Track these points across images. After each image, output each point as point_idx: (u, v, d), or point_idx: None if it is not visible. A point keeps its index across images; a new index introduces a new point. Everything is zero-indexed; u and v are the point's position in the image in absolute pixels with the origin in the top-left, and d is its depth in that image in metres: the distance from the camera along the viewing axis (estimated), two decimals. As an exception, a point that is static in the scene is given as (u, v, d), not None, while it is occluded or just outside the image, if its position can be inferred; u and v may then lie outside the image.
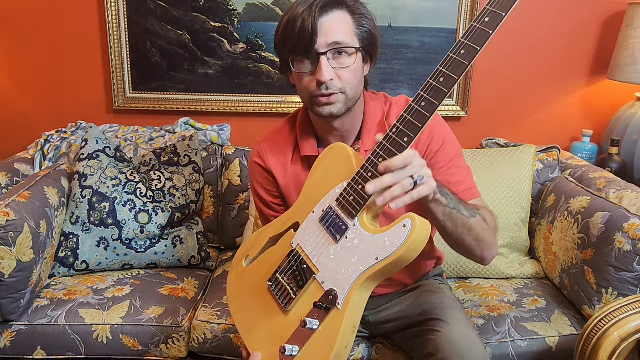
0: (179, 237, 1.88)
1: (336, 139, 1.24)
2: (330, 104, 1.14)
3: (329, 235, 1.07)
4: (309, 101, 1.17)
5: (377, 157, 1.00)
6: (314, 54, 1.10)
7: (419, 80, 2.18)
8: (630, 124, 2.02)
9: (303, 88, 1.16)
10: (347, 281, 1.01)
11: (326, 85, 1.11)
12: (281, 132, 1.33)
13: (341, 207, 1.05)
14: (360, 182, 1.02)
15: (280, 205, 1.33)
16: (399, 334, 1.36)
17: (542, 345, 1.47)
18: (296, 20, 1.09)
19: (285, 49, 1.14)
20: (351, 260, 1.01)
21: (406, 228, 0.95)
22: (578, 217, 1.60)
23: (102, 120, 2.22)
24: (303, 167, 1.28)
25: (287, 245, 1.14)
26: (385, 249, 0.97)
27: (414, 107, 0.97)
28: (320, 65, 1.10)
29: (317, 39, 1.09)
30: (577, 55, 2.19)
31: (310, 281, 1.06)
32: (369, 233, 1.01)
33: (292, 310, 1.08)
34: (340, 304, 1.00)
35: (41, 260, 1.62)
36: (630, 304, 1.27)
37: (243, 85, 2.20)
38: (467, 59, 0.96)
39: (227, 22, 2.13)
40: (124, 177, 1.86)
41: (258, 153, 1.33)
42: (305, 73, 1.14)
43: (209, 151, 2.09)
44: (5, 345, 1.55)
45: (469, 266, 1.79)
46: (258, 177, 1.34)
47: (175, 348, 1.58)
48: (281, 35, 1.14)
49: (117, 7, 2.09)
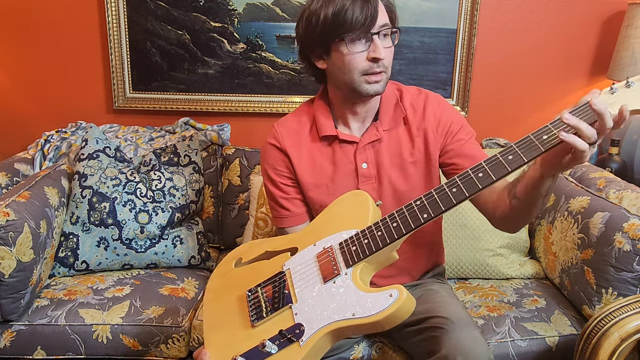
0: (179, 237, 1.88)
1: (357, 121, 1.32)
2: (378, 82, 1.22)
3: (319, 273, 1.08)
4: (357, 80, 1.22)
5: (392, 220, 1.05)
6: (370, 34, 1.18)
7: (418, 80, 2.18)
8: (630, 124, 2.02)
9: (352, 67, 1.21)
10: (318, 323, 1.02)
11: (380, 63, 1.20)
12: (297, 113, 1.39)
13: (341, 252, 1.08)
14: (368, 237, 1.06)
15: (289, 186, 1.35)
16: (399, 332, 1.36)
17: (542, 345, 1.47)
18: (354, 1, 1.16)
19: (336, 30, 1.18)
20: (329, 305, 1.03)
21: (392, 298, 0.97)
22: (578, 217, 1.60)
23: (102, 120, 2.22)
24: (320, 146, 1.33)
25: (279, 265, 1.16)
26: (364, 309, 0.98)
27: (445, 190, 1.01)
28: (376, 44, 1.18)
29: (378, 19, 1.17)
30: (577, 55, 2.19)
31: (286, 308, 1.08)
32: (357, 288, 1.02)
33: (258, 328, 1.09)
34: (304, 341, 1.01)
35: (41, 260, 1.62)
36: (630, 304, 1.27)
37: (243, 85, 2.20)
38: (512, 165, 0.98)
39: (227, 22, 2.13)
40: (124, 177, 1.86)
41: (274, 135, 1.36)
42: (358, 52, 1.19)
43: (209, 151, 2.09)
44: (5, 345, 1.55)
45: (469, 266, 1.79)
46: (270, 157, 1.35)
47: (175, 348, 1.58)
48: (333, 16, 1.18)
49: (117, 7, 2.09)
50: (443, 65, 2.18)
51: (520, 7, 2.13)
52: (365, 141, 1.30)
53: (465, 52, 2.14)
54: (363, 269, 1.06)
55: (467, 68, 2.16)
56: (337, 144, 1.32)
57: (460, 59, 2.16)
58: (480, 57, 2.16)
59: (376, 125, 1.31)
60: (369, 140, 1.30)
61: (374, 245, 1.05)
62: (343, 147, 1.31)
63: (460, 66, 2.17)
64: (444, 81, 2.19)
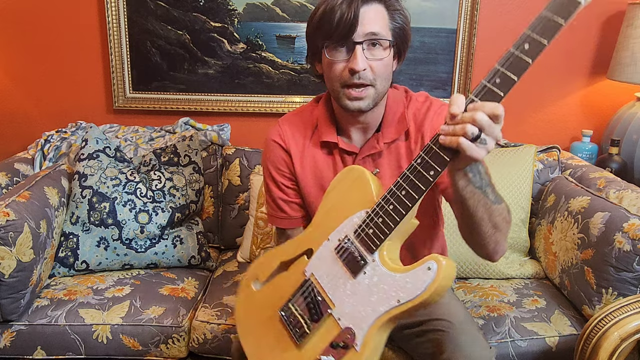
0: (179, 237, 1.88)
1: (357, 131, 1.24)
2: (360, 99, 1.13)
3: (345, 269, 1.00)
4: (338, 91, 1.15)
5: (400, 188, 0.94)
6: (351, 42, 1.10)
7: (418, 80, 2.18)
8: (630, 124, 2.02)
9: (334, 77, 1.14)
10: (366, 321, 0.95)
11: (358, 75, 1.10)
12: (302, 113, 1.33)
13: (359, 240, 1.00)
14: (381, 214, 0.96)
15: (289, 188, 1.31)
16: (399, 333, 1.35)
17: (542, 346, 1.47)
18: (337, 7, 1.09)
19: (320, 35, 1.13)
20: (370, 299, 0.95)
21: (431, 271, 0.89)
22: (578, 217, 1.60)
23: (102, 120, 2.22)
24: (322, 151, 1.27)
25: (300, 272, 1.08)
26: (407, 292, 0.91)
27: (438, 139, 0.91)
28: (355, 54, 1.10)
29: (358, 27, 1.09)
30: (577, 55, 2.19)
31: (326, 316, 1.01)
32: (390, 271, 0.94)
33: (306, 346, 1.02)
34: (359, 345, 0.95)
35: (41, 260, 1.62)
36: (630, 304, 1.27)
37: (243, 85, 2.20)
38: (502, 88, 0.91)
39: (227, 22, 2.13)
40: (124, 177, 1.86)
41: (278, 132, 1.31)
42: (338, 60, 1.12)
43: (209, 151, 2.09)
44: (5, 345, 1.55)
45: (469, 266, 1.79)
46: (273, 155, 1.30)
47: (175, 348, 1.58)
48: (318, 21, 1.12)
49: (117, 7, 2.09)
50: (443, 65, 2.18)
51: (520, 7, 2.13)
52: (364, 153, 1.24)
53: (465, 52, 2.14)
54: (389, 248, 0.97)
55: (467, 68, 2.16)
56: (337, 151, 1.27)
57: (460, 59, 2.16)
58: (480, 57, 2.16)
59: (377, 137, 1.23)
60: (367, 153, 1.24)
61: (391, 221, 0.95)
62: (343, 156, 1.26)
63: (460, 66, 2.17)
64: (444, 81, 2.19)
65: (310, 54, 1.22)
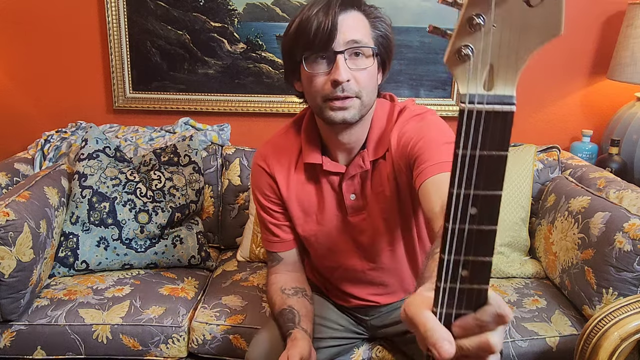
0: (179, 237, 1.88)
1: (343, 152, 1.17)
2: (344, 109, 1.05)
3: None
4: (320, 106, 1.08)
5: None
6: (331, 52, 1.03)
7: (419, 80, 2.18)
8: (630, 124, 2.02)
9: (315, 91, 1.07)
10: None
11: (342, 87, 1.03)
12: (286, 135, 1.26)
13: None
14: None
15: (277, 212, 1.27)
16: (400, 336, 1.35)
17: (542, 346, 1.47)
18: (313, 17, 1.02)
19: (298, 47, 1.05)
20: None
21: None
22: (578, 217, 1.60)
23: (102, 120, 2.22)
24: (306, 175, 1.22)
25: None
26: None
27: None
28: (337, 64, 1.02)
29: (337, 36, 1.02)
30: (577, 55, 2.19)
31: None
32: None
33: None
34: None
35: (41, 260, 1.62)
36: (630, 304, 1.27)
37: (243, 85, 2.20)
38: None
39: (227, 22, 2.13)
40: (124, 177, 1.86)
41: (262, 156, 1.26)
42: (319, 73, 1.05)
43: (209, 151, 2.09)
44: (5, 345, 1.55)
45: (469, 266, 1.78)
46: (259, 181, 1.27)
47: (175, 348, 1.57)
48: (294, 33, 1.05)
49: (117, 7, 2.09)
50: (443, 65, 2.16)
51: (521, 7, 2.13)
52: (350, 173, 1.17)
53: (465, 52, 2.14)
54: None
55: (467, 68, 2.15)
56: (322, 174, 1.20)
57: (460, 59, 2.15)
58: (480, 57, 2.16)
59: (362, 155, 1.15)
60: (353, 172, 1.17)
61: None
62: (328, 177, 1.20)
63: (460, 66, 2.16)
64: (444, 81, 2.19)
65: (289, 71, 1.13)
